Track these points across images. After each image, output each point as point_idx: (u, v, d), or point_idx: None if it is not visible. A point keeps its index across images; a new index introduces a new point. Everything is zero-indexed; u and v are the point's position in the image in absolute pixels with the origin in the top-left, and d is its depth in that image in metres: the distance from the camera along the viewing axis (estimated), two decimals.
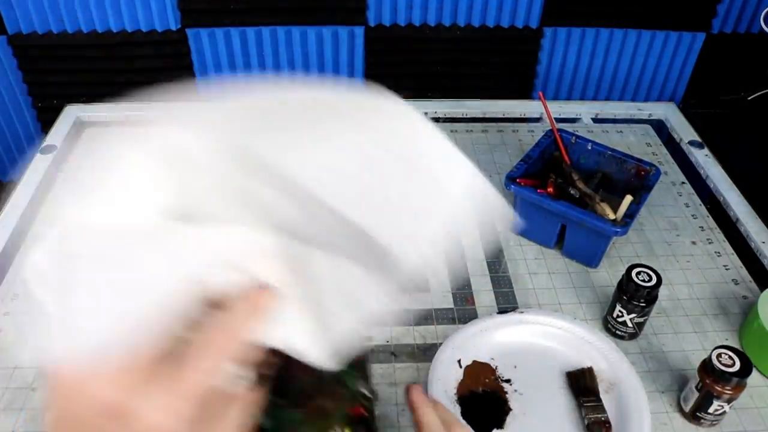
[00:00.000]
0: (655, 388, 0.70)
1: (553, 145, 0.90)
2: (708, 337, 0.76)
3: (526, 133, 1.10)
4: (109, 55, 1.10)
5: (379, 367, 0.70)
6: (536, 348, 0.72)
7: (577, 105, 1.19)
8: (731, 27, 1.15)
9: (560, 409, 0.67)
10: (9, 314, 0.75)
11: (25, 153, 1.22)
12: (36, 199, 0.93)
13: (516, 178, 0.83)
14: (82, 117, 1.10)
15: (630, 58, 1.18)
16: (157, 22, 1.07)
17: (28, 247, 0.84)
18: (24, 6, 1.03)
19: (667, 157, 1.06)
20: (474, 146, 1.06)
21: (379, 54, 1.15)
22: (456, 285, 0.81)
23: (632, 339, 0.75)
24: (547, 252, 0.87)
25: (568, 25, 1.14)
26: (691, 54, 1.18)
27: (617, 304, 0.72)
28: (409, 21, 1.12)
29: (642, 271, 0.71)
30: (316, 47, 1.13)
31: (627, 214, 0.79)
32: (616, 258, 0.86)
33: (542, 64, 1.18)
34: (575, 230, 0.82)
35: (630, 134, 1.11)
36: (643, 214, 0.93)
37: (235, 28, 1.09)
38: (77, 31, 1.07)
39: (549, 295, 0.80)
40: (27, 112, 1.17)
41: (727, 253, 0.88)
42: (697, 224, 0.92)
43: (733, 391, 0.62)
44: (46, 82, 1.14)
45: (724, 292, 0.82)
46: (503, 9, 1.11)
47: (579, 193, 0.84)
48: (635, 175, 0.88)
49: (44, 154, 1.01)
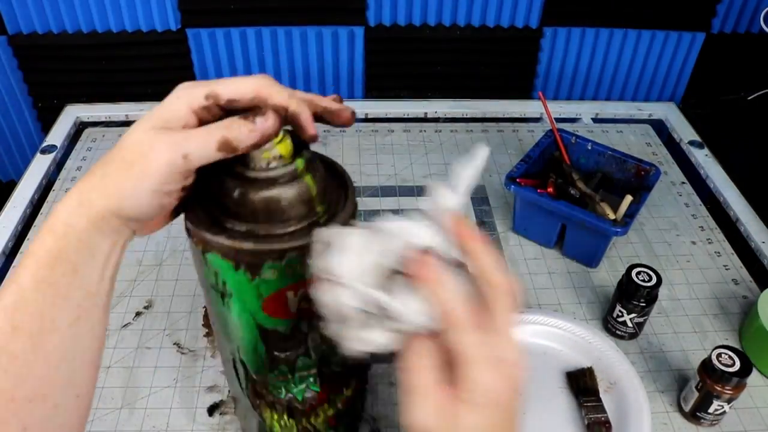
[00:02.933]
0: (655, 388, 0.70)
1: (553, 145, 0.90)
2: (708, 337, 0.76)
3: (526, 133, 1.10)
4: (109, 55, 1.10)
5: (378, 367, 0.70)
6: (536, 348, 0.72)
7: (577, 105, 1.19)
8: (731, 27, 1.15)
9: (560, 409, 0.67)
10: None
11: (25, 153, 1.22)
12: (36, 199, 0.93)
13: (516, 178, 0.83)
14: (82, 117, 1.10)
15: (630, 58, 1.18)
16: (157, 22, 1.07)
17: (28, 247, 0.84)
18: (24, 6, 1.03)
19: (667, 157, 1.06)
20: (474, 146, 1.06)
21: (379, 54, 1.15)
22: None
23: (632, 339, 0.75)
24: (547, 252, 0.87)
25: (568, 25, 1.14)
26: (691, 54, 1.18)
27: (617, 304, 0.72)
28: (409, 21, 1.12)
29: (642, 271, 0.71)
30: (316, 47, 1.13)
31: (627, 214, 0.79)
32: (616, 258, 0.86)
33: (542, 64, 1.18)
34: (575, 230, 0.82)
35: (630, 134, 1.11)
36: (643, 214, 0.93)
37: (235, 28, 1.09)
38: (77, 31, 1.07)
39: (549, 295, 0.80)
40: (27, 112, 1.17)
41: (727, 253, 0.88)
42: (697, 224, 0.92)
43: (733, 391, 0.62)
44: (46, 82, 1.14)
45: (724, 292, 0.82)
46: (503, 9, 1.11)
47: (579, 193, 0.84)
48: (635, 175, 0.88)
49: (44, 154, 1.01)
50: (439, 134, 1.09)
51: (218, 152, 0.36)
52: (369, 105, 1.16)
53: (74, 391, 0.37)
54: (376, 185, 0.97)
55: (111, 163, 0.37)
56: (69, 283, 0.36)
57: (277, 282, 0.40)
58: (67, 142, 1.05)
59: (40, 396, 0.35)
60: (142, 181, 0.36)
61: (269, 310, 0.41)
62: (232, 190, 0.39)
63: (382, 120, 1.13)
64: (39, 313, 0.35)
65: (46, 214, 0.89)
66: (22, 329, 0.34)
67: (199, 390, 0.68)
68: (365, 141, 1.06)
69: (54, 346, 0.35)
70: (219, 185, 0.40)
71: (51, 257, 0.35)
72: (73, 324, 0.36)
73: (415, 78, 1.19)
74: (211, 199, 0.41)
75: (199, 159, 0.36)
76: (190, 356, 0.71)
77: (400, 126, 1.10)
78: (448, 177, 0.37)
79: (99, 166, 0.37)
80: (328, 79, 1.17)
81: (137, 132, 0.37)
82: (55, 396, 0.36)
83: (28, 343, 0.34)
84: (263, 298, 0.40)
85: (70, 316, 0.36)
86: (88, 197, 0.36)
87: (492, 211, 0.93)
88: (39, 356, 0.34)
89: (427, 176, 0.99)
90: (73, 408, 0.37)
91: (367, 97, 1.20)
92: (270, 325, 0.42)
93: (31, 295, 0.35)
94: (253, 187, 0.39)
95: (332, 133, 1.08)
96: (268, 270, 0.39)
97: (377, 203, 0.93)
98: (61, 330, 0.35)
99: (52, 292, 0.35)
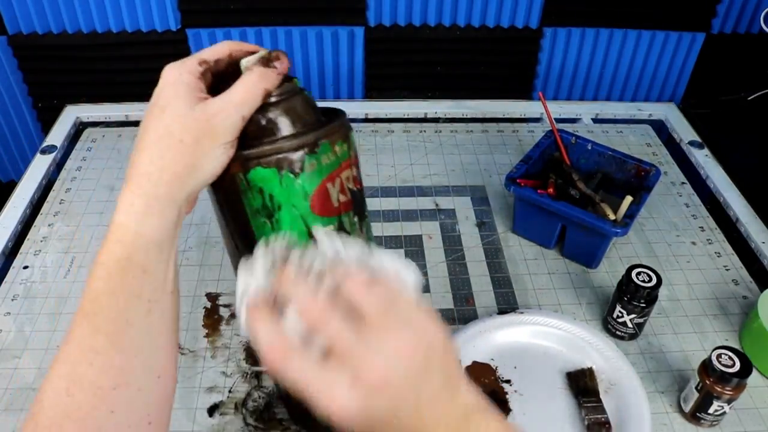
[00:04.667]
0: (655, 388, 0.70)
1: (553, 146, 0.90)
2: (708, 338, 0.76)
3: (526, 133, 1.10)
4: (109, 55, 1.10)
5: None
6: (536, 348, 0.72)
7: (577, 105, 1.19)
8: (731, 27, 1.15)
9: (560, 409, 0.67)
10: (10, 314, 0.75)
11: (25, 153, 1.22)
12: (36, 199, 0.93)
13: (516, 179, 0.83)
14: (82, 117, 1.10)
15: (630, 58, 1.18)
16: (157, 22, 1.07)
17: (28, 247, 0.84)
18: (24, 6, 1.03)
19: (667, 158, 1.06)
20: (474, 146, 1.06)
21: (379, 54, 1.15)
22: (456, 285, 0.81)
23: (632, 339, 0.75)
24: (547, 252, 0.87)
25: (568, 25, 1.14)
26: (691, 54, 1.18)
27: (617, 304, 0.72)
28: (409, 21, 1.12)
29: (642, 272, 0.71)
30: (316, 47, 1.13)
31: (627, 215, 0.79)
32: (616, 258, 0.86)
33: (542, 64, 1.18)
34: (575, 231, 0.82)
35: (630, 134, 1.11)
36: (643, 214, 0.93)
37: (235, 28, 1.09)
38: (77, 31, 1.07)
39: (549, 295, 0.80)
40: (27, 112, 1.17)
41: (727, 253, 0.88)
42: (697, 224, 0.92)
43: (733, 391, 0.62)
44: (46, 82, 1.14)
45: (724, 293, 0.82)
46: (503, 9, 1.11)
47: (579, 194, 0.84)
48: (635, 176, 0.88)
49: (44, 154, 1.01)
50: (439, 134, 1.09)
51: (262, 101, 0.43)
52: (369, 105, 1.16)
53: (154, 374, 0.41)
54: (376, 185, 0.97)
55: (167, 152, 0.40)
56: (140, 284, 0.40)
57: (318, 174, 0.44)
58: (67, 143, 1.05)
59: (123, 383, 0.39)
60: (214, 145, 0.41)
61: (317, 208, 0.45)
62: (260, 120, 0.45)
63: (382, 120, 1.13)
64: (114, 315, 0.39)
65: (46, 214, 0.89)
66: (100, 330, 0.39)
67: (199, 390, 0.68)
68: (365, 141, 1.06)
69: (130, 339, 0.39)
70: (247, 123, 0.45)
71: (120, 266, 0.39)
72: (145, 317, 0.40)
73: (415, 78, 1.19)
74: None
75: (251, 112, 0.42)
76: (190, 357, 0.71)
77: (400, 126, 1.10)
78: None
79: (149, 162, 0.40)
80: (328, 79, 1.17)
81: (179, 118, 0.41)
82: (138, 381, 0.40)
83: (107, 341, 0.39)
84: (309, 197, 0.44)
85: (142, 311, 0.40)
86: (155, 195, 0.40)
87: (492, 211, 0.93)
88: (117, 350, 0.39)
89: (427, 176, 0.99)
90: (156, 389, 0.41)
91: (367, 97, 1.20)
92: (322, 224, 0.45)
93: (106, 302, 0.39)
94: (273, 107, 0.45)
95: None
96: (308, 163, 0.44)
97: (377, 203, 0.93)
98: (135, 325, 0.40)
99: (125, 296, 0.39)
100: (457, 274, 0.83)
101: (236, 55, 0.45)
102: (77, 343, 0.39)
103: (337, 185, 0.45)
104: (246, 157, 0.43)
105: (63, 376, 0.38)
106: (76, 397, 0.37)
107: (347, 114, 0.49)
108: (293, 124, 0.45)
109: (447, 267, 0.84)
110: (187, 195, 0.42)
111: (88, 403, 0.38)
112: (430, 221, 0.91)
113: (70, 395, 0.37)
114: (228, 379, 0.69)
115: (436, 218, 0.92)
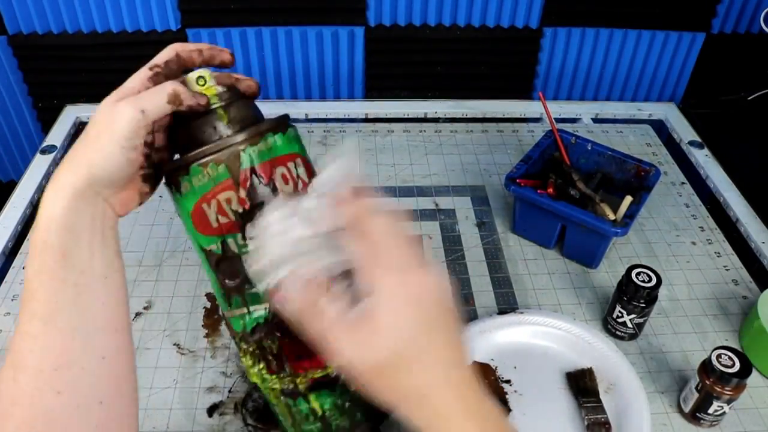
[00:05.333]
0: (654, 388, 0.70)
1: (553, 146, 0.90)
2: (708, 338, 0.76)
3: (526, 133, 1.10)
4: (109, 55, 1.10)
5: None
6: (536, 348, 0.72)
7: (577, 105, 1.20)
8: (731, 27, 1.15)
9: (560, 409, 0.67)
10: (9, 314, 0.75)
11: (25, 153, 1.22)
12: (36, 199, 0.93)
13: (516, 179, 0.83)
14: (82, 117, 1.10)
15: (630, 58, 1.18)
16: (157, 22, 1.07)
17: (28, 247, 0.84)
18: (24, 6, 1.03)
19: (667, 158, 1.06)
20: (474, 146, 1.06)
21: (379, 54, 1.15)
22: (456, 286, 0.81)
23: (632, 339, 0.75)
24: (547, 252, 0.87)
25: (568, 25, 1.14)
26: (691, 54, 1.18)
27: (617, 304, 0.72)
28: (409, 21, 1.12)
29: (642, 272, 0.71)
30: (316, 47, 1.13)
31: (627, 215, 0.79)
32: (616, 258, 0.86)
33: (542, 64, 1.18)
34: (575, 231, 0.82)
35: (630, 134, 1.11)
36: (643, 214, 0.93)
37: (235, 28, 1.09)
38: (77, 31, 1.07)
39: (549, 295, 0.80)
40: (27, 112, 1.17)
41: (727, 253, 0.88)
42: (697, 224, 0.92)
43: (733, 391, 0.62)
44: (46, 82, 1.14)
45: (724, 293, 0.82)
46: (503, 9, 1.11)
47: (579, 194, 0.84)
48: (635, 176, 0.88)
49: (44, 154, 1.01)
50: (439, 134, 1.09)
51: (168, 104, 0.44)
52: (369, 105, 1.16)
53: (97, 354, 0.42)
54: (376, 186, 0.97)
55: (78, 144, 0.43)
56: (62, 267, 0.41)
57: (192, 195, 0.46)
58: (67, 143, 1.05)
59: (65, 364, 0.40)
60: (110, 141, 0.42)
61: (199, 227, 0.47)
62: (178, 137, 0.49)
63: (382, 120, 1.13)
64: (44, 300, 0.40)
65: None
66: (36, 314, 0.40)
67: (199, 391, 0.68)
68: (365, 141, 1.06)
69: (63, 321, 0.41)
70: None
71: (39, 249, 0.41)
72: (74, 300, 0.41)
73: (415, 78, 1.19)
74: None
75: (155, 111, 0.43)
76: (189, 357, 0.71)
77: (400, 126, 1.10)
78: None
79: (66, 156, 0.43)
80: (328, 79, 1.17)
81: (99, 111, 0.44)
82: (80, 361, 0.41)
83: (42, 324, 0.40)
84: (190, 215, 0.46)
85: (69, 294, 0.41)
86: (61, 182, 0.42)
87: (492, 211, 0.93)
88: (54, 332, 0.40)
89: (427, 176, 0.99)
90: (103, 369, 0.42)
91: (367, 97, 1.20)
92: (205, 244, 0.47)
93: (34, 286, 0.41)
94: (185, 127, 0.48)
95: (332, 133, 1.08)
96: (182, 183, 0.46)
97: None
98: (66, 309, 0.41)
99: (49, 279, 0.41)
100: (457, 274, 0.83)
101: (182, 55, 0.48)
102: (19, 330, 0.40)
103: (213, 206, 0.46)
104: (165, 169, 0.48)
105: (9, 364, 0.40)
106: (21, 382, 0.39)
107: (293, 120, 0.50)
108: (193, 144, 0.47)
109: (447, 267, 0.84)
110: (93, 188, 0.42)
111: (32, 386, 0.39)
112: (430, 221, 0.91)
113: (16, 381, 0.39)
114: (228, 379, 0.69)
115: (436, 218, 0.92)
